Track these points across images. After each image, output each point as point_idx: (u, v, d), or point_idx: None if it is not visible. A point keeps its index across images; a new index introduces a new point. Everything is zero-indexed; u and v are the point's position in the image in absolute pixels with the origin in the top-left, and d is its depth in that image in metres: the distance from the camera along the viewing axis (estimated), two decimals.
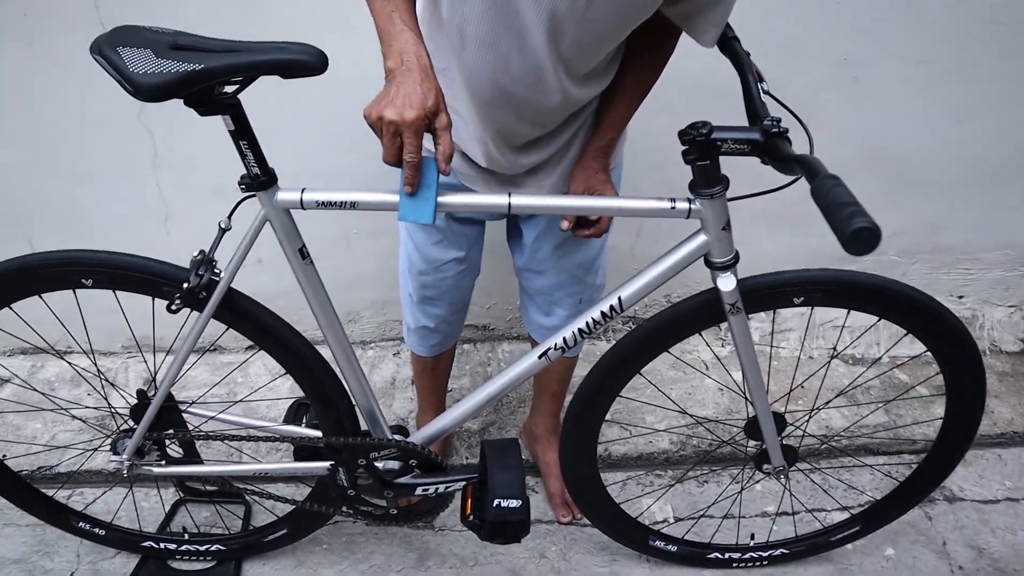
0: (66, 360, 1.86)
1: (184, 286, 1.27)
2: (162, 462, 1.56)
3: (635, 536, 1.74)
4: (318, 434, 1.50)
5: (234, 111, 1.14)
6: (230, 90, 1.13)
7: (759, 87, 1.17)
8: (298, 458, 1.55)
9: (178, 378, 1.42)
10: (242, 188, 1.22)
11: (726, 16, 1.20)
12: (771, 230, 2.22)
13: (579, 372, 1.56)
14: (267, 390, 2.15)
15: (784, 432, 1.51)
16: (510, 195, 1.17)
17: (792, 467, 1.56)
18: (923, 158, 2.18)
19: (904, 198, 2.24)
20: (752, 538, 1.79)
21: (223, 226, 1.27)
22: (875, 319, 1.37)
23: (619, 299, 1.28)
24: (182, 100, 1.10)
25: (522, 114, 1.26)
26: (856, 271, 1.31)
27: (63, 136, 2.01)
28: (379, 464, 1.48)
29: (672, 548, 1.74)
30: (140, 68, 1.04)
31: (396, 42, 1.06)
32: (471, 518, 1.38)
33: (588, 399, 1.47)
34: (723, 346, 2.38)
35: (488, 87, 1.20)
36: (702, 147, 1.10)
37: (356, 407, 1.49)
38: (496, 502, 1.31)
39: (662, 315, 1.34)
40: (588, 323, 1.31)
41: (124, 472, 1.52)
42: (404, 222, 1.56)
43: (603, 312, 1.29)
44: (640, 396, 2.01)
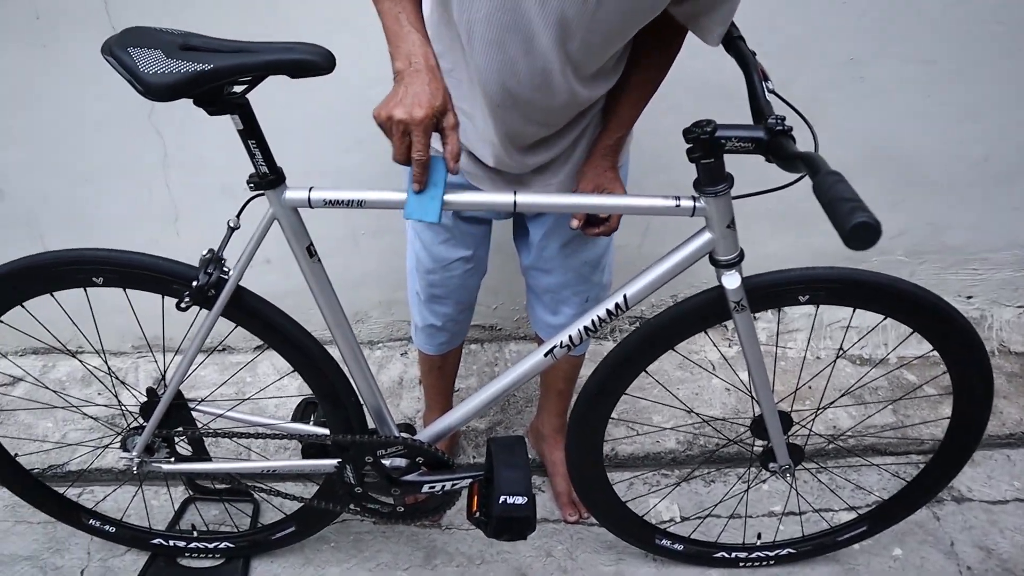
0: (77, 358, 1.88)
1: (193, 284, 1.28)
2: (171, 459, 1.57)
3: (641, 535, 1.74)
4: (325, 432, 1.51)
5: (243, 110, 1.15)
6: (239, 90, 1.14)
7: (764, 86, 1.18)
8: (306, 456, 1.56)
9: (187, 376, 1.43)
10: (250, 187, 1.23)
11: (731, 15, 1.20)
12: (776, 230, 2.22)
13: (585, 372, 1.57)
14: (275, 390, 2.17)
15: (790, 431, 1.52)
16: (515, 193, 1.18)
17: (798, 466, 1.57)
18: (927, 158, 2.18)
19: (909, 198, 2.24)
20: (759, 537, 1.79)
21: (232, 225, 1.28)
22: (882, 319, 1.37)
23: (624, 297, 1.28)
24: (192, 100, 1.11)
25: (529, 115, 1.26)
26: (861, 269, 1.31)
27: (75, 137, 2.03)
28: (386, 462, 1.49)
29: (678, 547, 1.75)
30: (150, 68, 1.05)
31: (404, 44, 1.08)
32: (477, 515, 1.39)
33: (593, 397, 1.47)
34: (730, 346, 2.38)
35: (496, 88, 1.21)
36: (706, 145, 1.10)
37: (363, 405, 1.50)
38: (502, 499, 1.32)
39: (667, 313, 1.35)
40: (594, 321, 1.32)
41: (134, 469, 1.53)
42: (411, 221, 1.59)
43: (608, 310, 1.30)
44: (647, 396, 2.01)
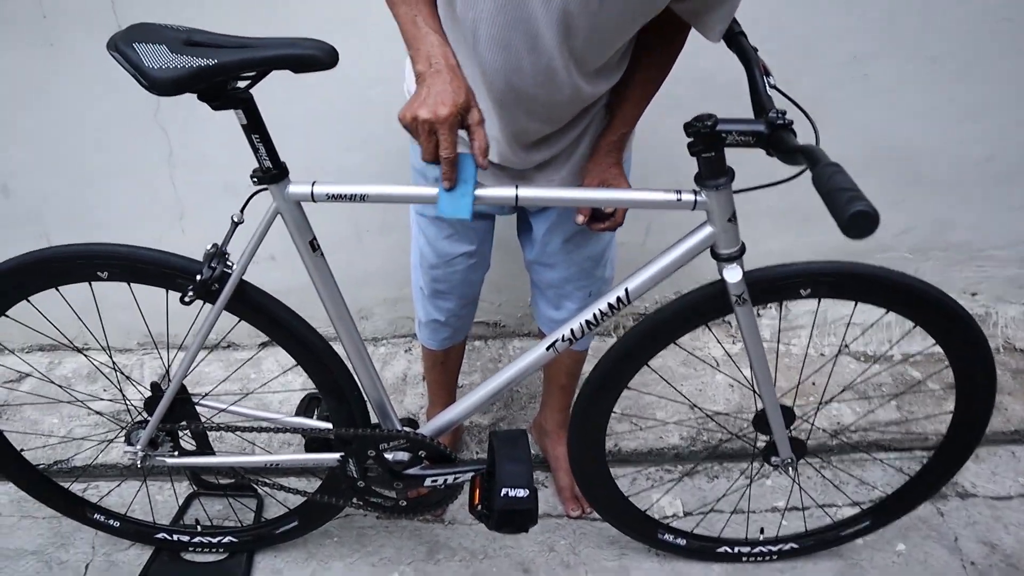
0: (84, 354, 1.89)
1: (197, 278, 1.29)
2: (175, 453, 1.58)
3: (644, 530, 1.74)
4: (328, 426, 1.52)
5: (246, 105, 1.16)
6: (242, 85, 1.15)
7: (765, 81, 1.18)
8: (309, 450, 1.57)
9: (191, 370, 1.44)
10: (254, 181, 1.24)
11: (732, 12, 1.21)
12: (778, 228, 2.22)
13: (588, 368, 1.57)
14: (280, 386, 2.18)
15: (792, 425, 1.52)
16: (517, 187, 1.19)
17: (800, 460, 1.56)
18: (931, 156, 2.18)
19: (913, 195, 2.24)
20: (762, 532, 1.79)
21: (236, 220, 1.29)
22: (884, 312, 1.37)
23: (626, 291, 1.29)
24: (196, 95, 1.12)
25: (534, 111, 1.27)
26: (863, 263, 1.31)
27: (80, 135, 2.04)
28: (389, 455, 1.50)
29: (681, 542, 1.75)
30: (155, 63, 1.07)
31: (423, 45, 1.09)
32: (479, 508, 1.39)
33: (595, 392, 1.48)
34: (734, 343, 2.38)
35: (501, 85, 1.22)
36: (707, 139, 1.11)
37: (366, 400, 1.50)
38: (504, 492, 1.32)
39: (668, 307, 1.35)
40: (595, 315, 1.32)
41: (138, 463, 1.54)
42: (415, 216, 1.60)
43: (610, 304, 1.30)
44: (651, 392, 2.02)
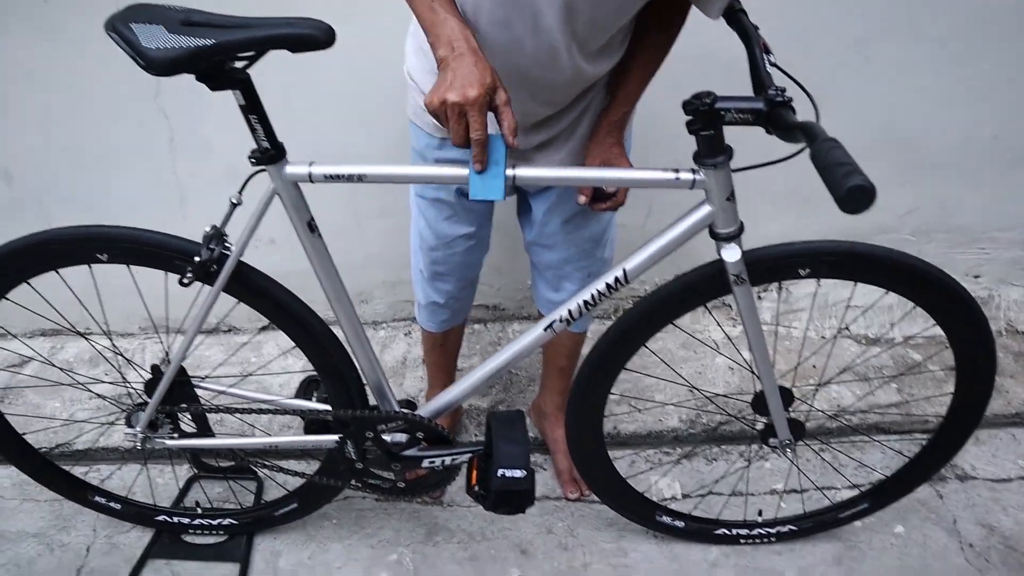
0: (85, 338, 1.90)
1: (196, 260, 1.29)
2: (175, 435, 1.59)
3: (642, 512, 1.75)
4: (327, 408, 1.52)
5: (244, 86, 1.16)
6: (240, 65, 1.15)
7: (765, 59, 1.17)
8: (308, 432, 1.57)
9: (190, 352, 1.44)
10: (252, 162, 1.23)
11: None
12: (778, 210, 2.21)
13: (587, 350, 1.57)
14: (279, 370, 2.18)
15: (791, 407, 1.52)
16: (515, 167, 1.18)
17: (799, 442, 1.57)
18: (936, 138, 2.17)
19: (917, 178, 2.23)
20: (760, 515, 1.80)
21: (234, 201, 1.29)
22: (884, 293, 1.37)
23: (624, 271, 1.28)
24: (193, 75, 1.12)
25: (535, 93, 1.27)
26: (862, 242, 1.30)
27: (82, 120, 2.04)
28: (387, 437, 1.50)
29: (679, 524, 1.75)
30: (152, 44, 1.07)
31: (443, 30, 1.09)
32: (476, 489, 1.40)
33: (593, 373, 1.48)
34: (734, 326, 2.38)
35: (502, 67, 1.21)
36: (706, 117, 1.10)
37: (365, 382, 1.51)
38: (501, 472, 1.33)
39: (666, 287, 1.35)
40: (593, 295, 1.32)
41: (138, 444, 1.55)
42: (415, 198, 1.60)
43: (608, 284, 1.30)
44: (650, 374, 2.02)
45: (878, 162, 2.13)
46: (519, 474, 1.33)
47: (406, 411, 1.49)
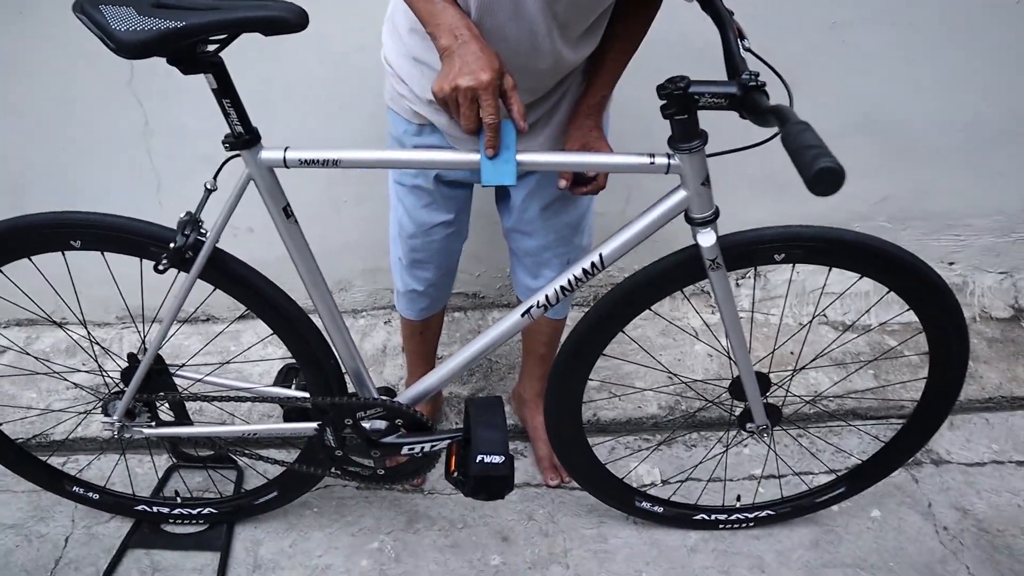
0: (62, 327, 1.88)
1: (171, 246, 1.28)
2: (152, 424, 1.58)
3: (622, 497, 1.76)
4: (306, 395, 1.52)
5: (217, 69, 1.15)
6: (212, 48, 1.14)
7: (739, 44, 1.18)
8: (287, 420, 1.57)
9: (166, 340, 1.43)
10: (226, 147, 1.23)
11: None
12: (755, 196, 2.21)
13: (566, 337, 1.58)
14: (259, 359, 2.17)
15: (768, 392, 1.53)
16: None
17: (776, 427, 1.58)
18: (913, 123, 2.18)
19: (893, 164, 2.25)
20: (738, 500, 1.81)
21: (209, 187, 1.28)
22: (858, 278, 1.38)
23: (600, 256, 1.29)
24: (165, 58, 1.11)
25: (518, 81, 1.26)
26: (837, 228, 1.31)
27: (54, 107, 2.01)
28: (366, 424, 1.50)
29: (658, 509, 1.76)
30: (122, 26, 1.05)
31: (443, 19, 1.09)
32: (455, 475, 1.40)
33: (571, 358, 1.48)
34: (713, 313, 2.39)
35: None
36: (680, 101, 1.10)
37: (343, 369, 1.50)
38: (479, 458, 1.33)
39: (643, 272, 1.35)
40: (570, 280, 1.32)
41: (115, 433, 1.54)
42: (393, 186, 1.59)
43: (584, 269, 1.30)
44: (630, 360, 2.03)
45: (854, 148, 2.17)
46: (498, 459, 1.33)
47: (385, 398, 1.49)
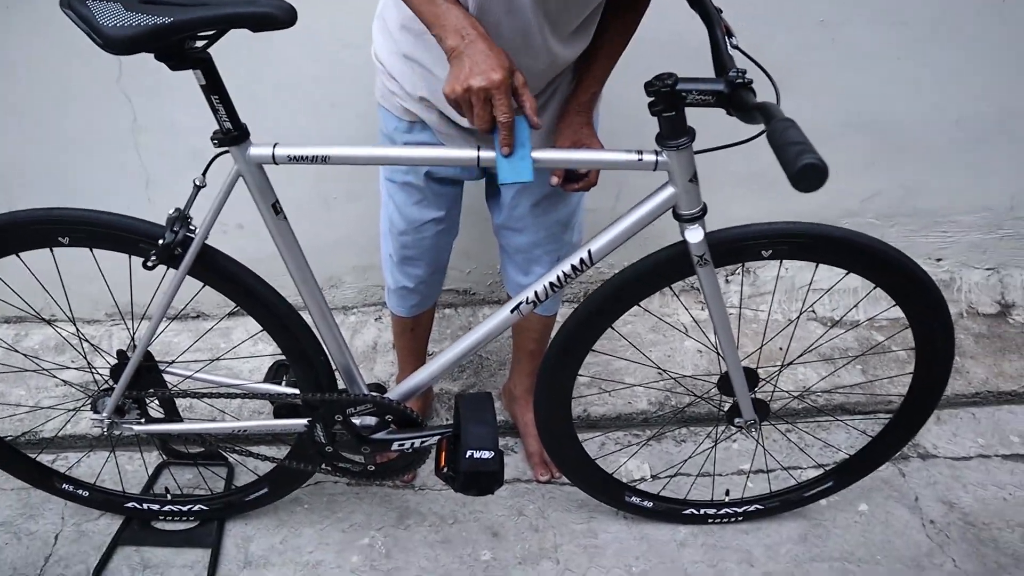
0: (51, 324, 1.87)
1: (160, 242, 1.28)
2: (142, 421, 1.58)
3: (611, 492, 1.76)
4: (295, 391, 1.52)
5: (205, 65, 1.14)
6: (200, 44, 1.13)
7: (727, 41, 1.18)
8: (278, 416, 1.57)
9: (155, 337, 1.43)
10: (215, 144, 1.22)
11: None
12: (744, 193, 2.22)
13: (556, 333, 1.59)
14: (249, 355, 2.17)
15: (757, 387, 1.54)
16: (479, 149, 1.19)
17: (764, 422, 1.59)
18: (900, 120, 2.19)
19: (882, 161, 2.26)
20: (727, 494, 1.82)
21: (198, 183, 1.28)
22: (845, 274, 1.39)
23: (589, 252, 1.29)
24: (153, 55, 1.10)
25: None
26: (824, 224, 1.32)
27: (42, 103, 2.00)
28: (356, 420, 1.51)
29: (648, 504, 1.77)
30: (110, 21, 1.05)
31: (448, 20, 1.09)
32: (445, 470, 1.41)
33: (560, 354, 1.49)
34: (702, 309, 2.40)
35: None
36: (668, 98, 1.11)
37: (333, 365, 1.50)
38: (469, 453, 1.34)
39: (631, 268, 1.36)
40: (559, 276, 1.33)
41: (104, 429, 1.54)
42: (384, 182, 1.59)
43: (573, 265, 1.31)
44: (620, 356, 2.03)
45: (843, 145, 2.19)
46: (487, 455, 1.34)
47: (375, 394, 1.50)
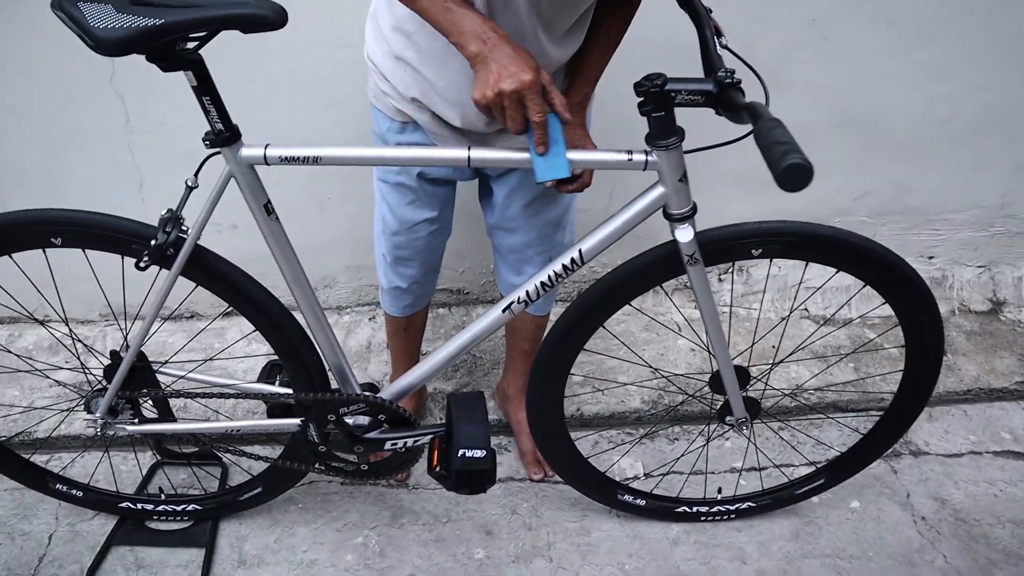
0: (44, 325, 1.87)
1: (152, 243, 1.29)
2: (135, 421, 1.58)
3: (604, 491, 1.77)
4: (288, 391, 1.52)
5: (196, 67, 1.15)
6: (191, 45, 1.14)
7: (716, 41, 1.19)
8: (271, 416, 1.57)
9: (148, 337, 1.44)
10: (206, 145, 1.23)
11: None
12: (735, 193, 2.22)
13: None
14: (243, 356, 2.17)
15: (748, 385, 1.55)
16: (469, 148, 1.20)
17: (756, 419, 1.60)
18: (893, 119, 2.20)
19: (874, 159, 2.27)
20: (719, 492, 1.83)
21: (190, 184, 1.28)
22: (835, 272, 1.40)
23: (579, 252, 1.30)
24: (144, 56, 1.11)
25: None
26: (813, 223, 1.33)
27: (36, 102, 2.00)
28: (349, 420, 1.51)
29: (640, 502, 1.78)
30: (101, 23, 1.05)
31: (467, 25, 1.09)
32: (438, 469, 1.41)
33: (552, 353, 1.49)
34: (695, 308, 2.41)
35: None
36: (657, 98, 1.12)
37: (326, 365, 1.51)
38: (461, 452, 1.34)
39: (622, 268, 1.37)
40: (550, 276, 1.33)
41: (97, 430, 1.54)
42: (377, 183, 1.59)
43: (564, 265, 1.32)
44: (613, 355, 2.04)
45: (835, 144, 2.19)
46: (479, 454, 1.34)
47: (367, 394, 1.50)
